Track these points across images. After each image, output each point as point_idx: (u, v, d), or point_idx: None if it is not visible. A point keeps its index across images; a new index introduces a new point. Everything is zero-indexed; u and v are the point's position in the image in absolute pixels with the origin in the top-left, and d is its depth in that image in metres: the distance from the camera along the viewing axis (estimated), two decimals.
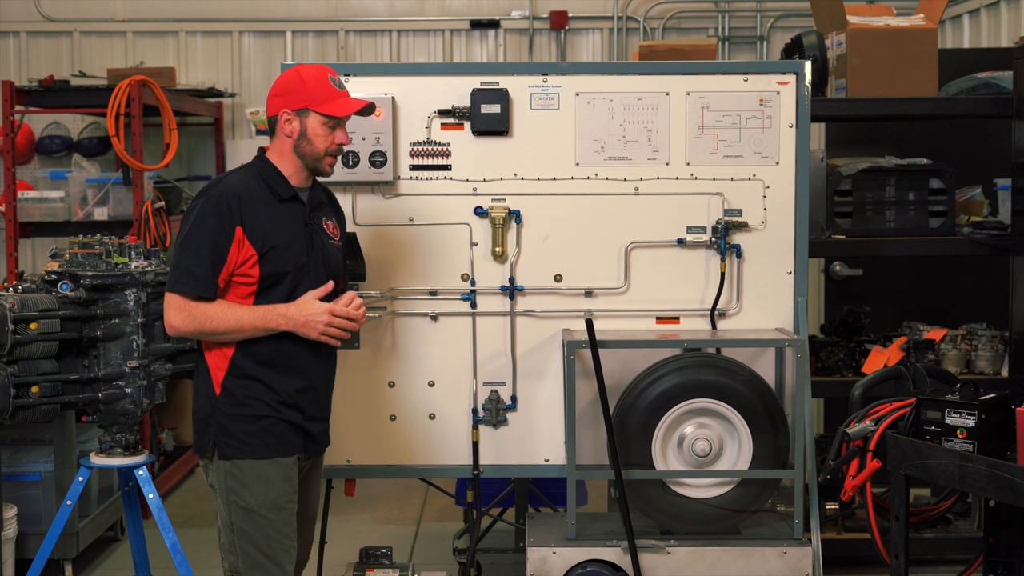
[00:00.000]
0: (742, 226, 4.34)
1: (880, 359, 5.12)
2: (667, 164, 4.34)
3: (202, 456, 3.50)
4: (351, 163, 4.23)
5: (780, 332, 4.32)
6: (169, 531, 4.02)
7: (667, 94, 4.33)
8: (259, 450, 3.41)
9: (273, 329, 3.37)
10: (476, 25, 8.00)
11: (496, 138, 4.31)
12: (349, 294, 3.45)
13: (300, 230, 3.46)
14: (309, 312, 3.36)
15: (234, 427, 3.41)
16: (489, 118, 4.28)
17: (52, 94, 6.47)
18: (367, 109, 3.52)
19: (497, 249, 4.31)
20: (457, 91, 4.29)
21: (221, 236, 3.33)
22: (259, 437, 3.41)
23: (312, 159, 3.45)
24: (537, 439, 4.39)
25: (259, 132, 7.89)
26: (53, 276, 3.96)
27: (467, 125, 4.31)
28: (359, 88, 4.26)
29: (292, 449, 3.47)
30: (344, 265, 3.68)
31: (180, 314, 3.35)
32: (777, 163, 4.35)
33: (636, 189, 4.34)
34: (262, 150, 3.54)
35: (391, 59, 7.95)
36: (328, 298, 3.45)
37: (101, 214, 6.46)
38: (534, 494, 4.98)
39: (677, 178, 4.35)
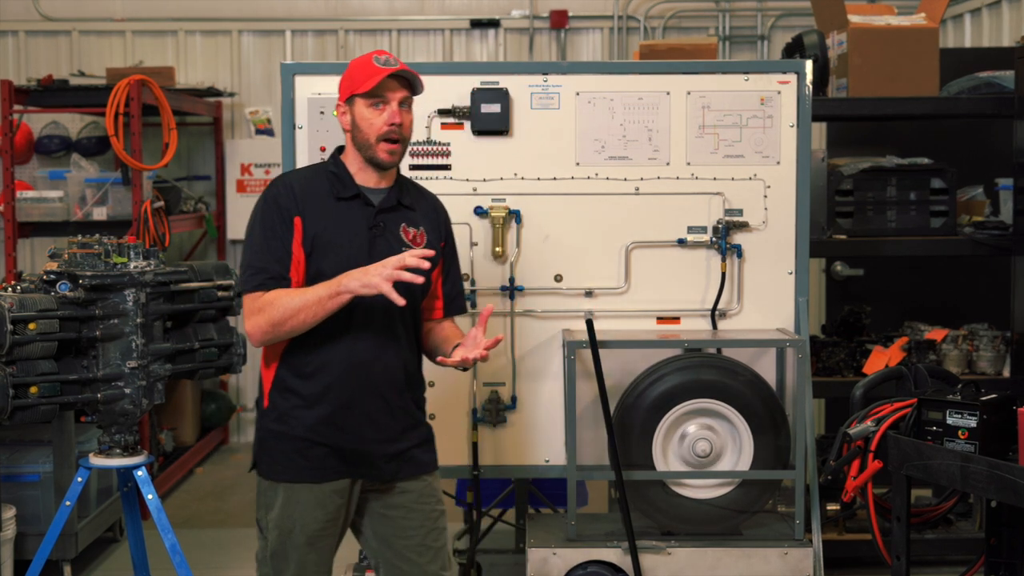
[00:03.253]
0: (743, 226, 4.33)
1: (881, 359, 5.11)
2: (668, 164, 4.33)
3: (253, 467, 3.32)
4: None
5: (781, 332, 4.32)
6: (168, 532, 4.01)
7: (668, 93, 4.32)
8: (292, 473, 3.19)
9: (337, 293, 3.01)
10: (476, 24, 7.99)
11: (496, 138, 4.30)
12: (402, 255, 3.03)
13: (360, 232, 3.18)
14: (370, 267, 3.01)
15: (272, 444, 3.21)
16: (489, 118, 4.27)
17: (51, 94, 6.47)
18: (409, 84, 3.18)
19: (497, 249, 4.30)
20: (457, 90, 4.28)
21: (281, 228, 3.13)
22: (293, 459, 3.18)
23: (365, 148, 3.18)
24: (537, 439, 4.38)
25: (259, 132, 7.90)
26: (52, 276, 3.95)
27: (467, 125, 4.30)
28: None
29: (329, 475, 3.19)
30: (428, 282, 3.24)
31: (251, 318, 3.10)
32: (778, 163, 4.34)
33: (636, 189, 4.33)
34: (340, 149, 3.32)
35: None
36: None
37: (100, 214, 6.45)
38: (534, 495, 4.97)
39: (678, 178, 4.34)
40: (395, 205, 3.25)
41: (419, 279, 3.00)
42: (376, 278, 2.98)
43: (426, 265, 3.00)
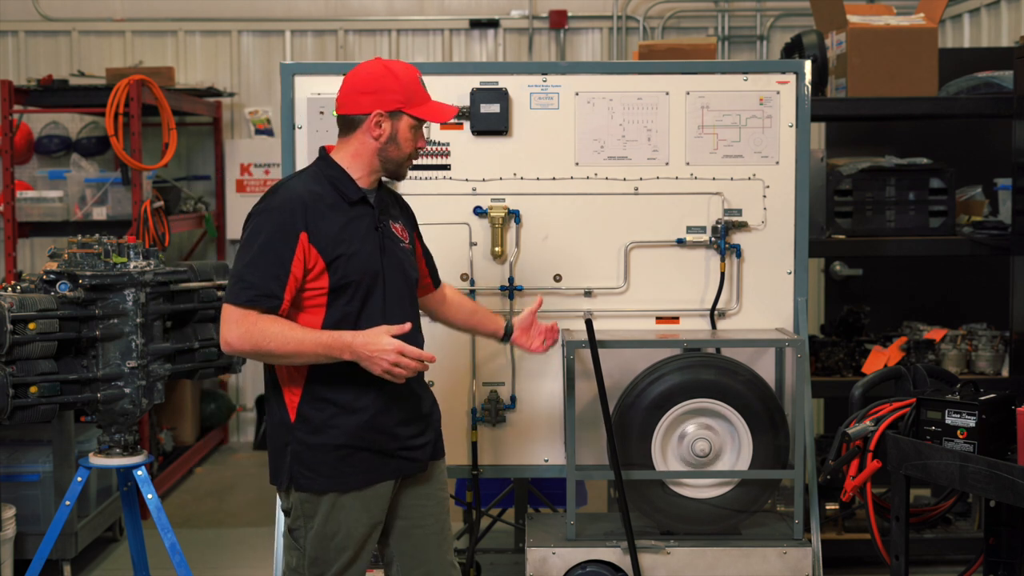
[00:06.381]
0: (742, 226, 4.33)
1: (880, 359, 5.11)
2: (667, 164, 4.33)
3: (278, 487, 3.26)
4: None
5: (780, 332, 4.32)
6: (168, 531, 4.01)
7: (667, 94, 4.32)
8: (337, 482, 3.14)
9: (336, 358, 3.05)
10: (475, 24, 7.99)
11: (495, 138, 4.31)
12: (419, 351, 3.10)
13: (371, 235, 3.19)
14: (377, 347, 3.02)
15: (311, 457, 3.14)
16: (488, 118, 4.27)
17: (51, 94, 6.47)
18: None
19: (496, 249, 4.31)
20: (456, 91, 4.29)
21: (283, 244, 3.06)
22: (337, 468, 3.14)
23: (396, 163, 3.22)
24: (536, 439, 4.38)
25: (258, 132, 7.90)
26: (52, 276, 3.96)
27: (466, 125, 4.30)
28: None
29: (376, 478, 3.19)
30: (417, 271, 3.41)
31: (238, 328, 3.03)
32: (777, 163, 4.34)
33: (636, 189, 4.34)
34: (324, 149, 3.28)
35: (390, 58, 7.93)
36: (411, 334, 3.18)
37: (100, 214, 6.45)
38: (533, 494, 4.98)
39: (677, 178, 4.34)
40: (386, 206, 3.31)
41: (400, 381, 3.10)
42: (377, 368, 3.04)
43: (424, 367, 3.12)
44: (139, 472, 4.08)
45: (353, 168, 3.23)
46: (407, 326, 3.09)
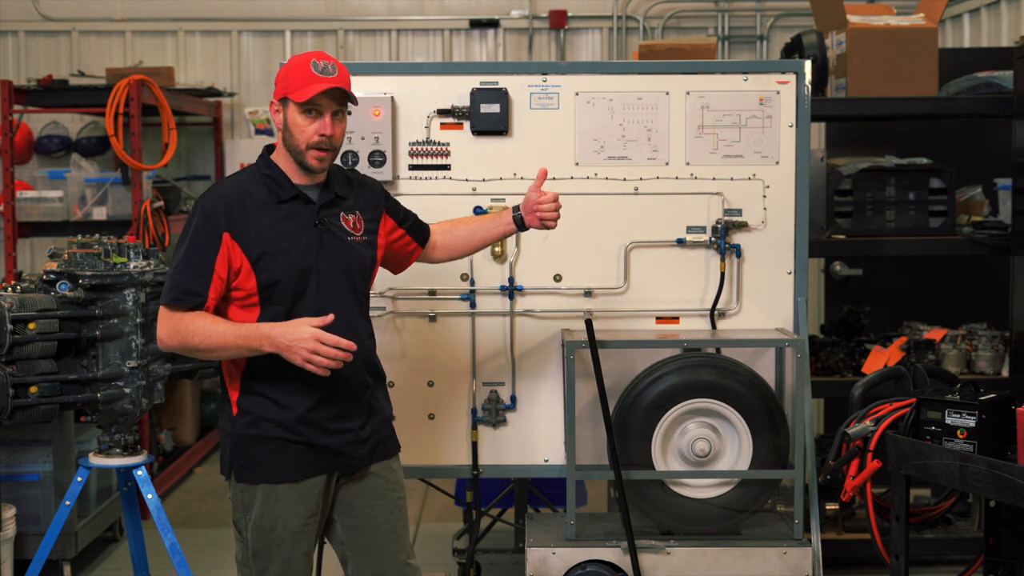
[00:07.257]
0: (742, 226, 4.33)
1: (880, 359, 5.11)
2: (667, 164, 4.33)
3: (225, 477, 3.36)
4: (350, 162, 4.22)
5: (780, 332, 4.32)
6: (168, 531, 4.02)
7: (667, 94, 4.32)
8: (271, 474, 3.22)
9: (256, 350, 3.08)
10: (475, 24, 8.00)
11: (495, 138, 4.31)
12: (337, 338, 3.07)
13: (307, 232, 3.20)
14: (295, 336, 3.02)
15: (247, 448, 3.24)
16: (488, 118, 4.27)
17: (51, 94, 6.47)
18: (344, 96, 3.19)
19: (496, 249, 4.31)
20: (456, 91, 4.29)
21: (206, 244, 3.12)
22: (272, 460, 3.22)
23: (295, 152, 3.19)
24: (536, 439, 4.38)
25: (258, 132, 7.91)
26: (52, 276, 3.96)
27: (466, 125, 4.30)
28: (358, 87, 4.22)
29: (309, 471, 3.24)
30: (373, 261, 3.39)
31: (166, 326, 3.14)
32: (777, 163, 4.34)
33: (636, 189, 4.34)
34: (269, 148, 3.31)
35: (390, 58, 7.94)
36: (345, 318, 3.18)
37: (100, 214, 6.46)
38: (533, 494, 4.98)
39: (677, 178, 4.34)
40: (333, 199, 3.30)
41: (345, 359, 3.05)
42: (297, 357, 3.04)
43: (346, 356, 3.04)
44: (139, 472, 4.08)
45: (284, 164, 3.26)
46: (330, 318, 3.08)
